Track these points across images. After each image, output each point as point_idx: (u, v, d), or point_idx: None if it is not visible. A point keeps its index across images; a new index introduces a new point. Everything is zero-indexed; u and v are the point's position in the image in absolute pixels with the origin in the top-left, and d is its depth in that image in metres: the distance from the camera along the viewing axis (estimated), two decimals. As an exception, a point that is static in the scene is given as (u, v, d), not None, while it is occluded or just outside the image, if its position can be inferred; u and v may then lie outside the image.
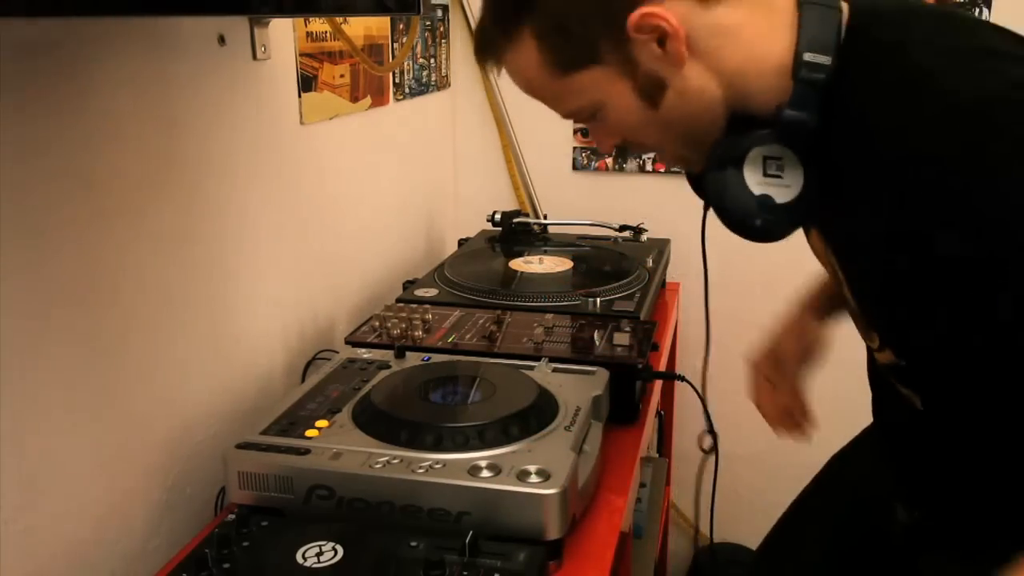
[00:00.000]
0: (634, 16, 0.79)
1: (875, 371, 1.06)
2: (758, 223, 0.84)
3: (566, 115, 0.91)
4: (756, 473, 1.99)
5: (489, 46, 0.90)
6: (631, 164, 2.01)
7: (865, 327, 0.95)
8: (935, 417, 0.95)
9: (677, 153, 0.91)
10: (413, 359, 1.17)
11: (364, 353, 1.20)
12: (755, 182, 0.84)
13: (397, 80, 1.68)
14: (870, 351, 1.04)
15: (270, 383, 1.26)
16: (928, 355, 0.88)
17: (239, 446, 0.94)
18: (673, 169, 1.98)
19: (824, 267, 1.01)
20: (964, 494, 0.94)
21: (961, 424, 0.92)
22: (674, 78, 0.82)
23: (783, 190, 0.84)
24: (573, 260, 1.64)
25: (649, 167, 2.00)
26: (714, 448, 1.10)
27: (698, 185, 0.94)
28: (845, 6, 0.81)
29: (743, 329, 1.95)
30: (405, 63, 1.72)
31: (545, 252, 1.71)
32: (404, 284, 1.52)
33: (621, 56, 0.82)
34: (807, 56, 0.79)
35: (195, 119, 1.06)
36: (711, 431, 1.09)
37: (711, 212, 0.91)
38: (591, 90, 0.85)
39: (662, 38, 0.80)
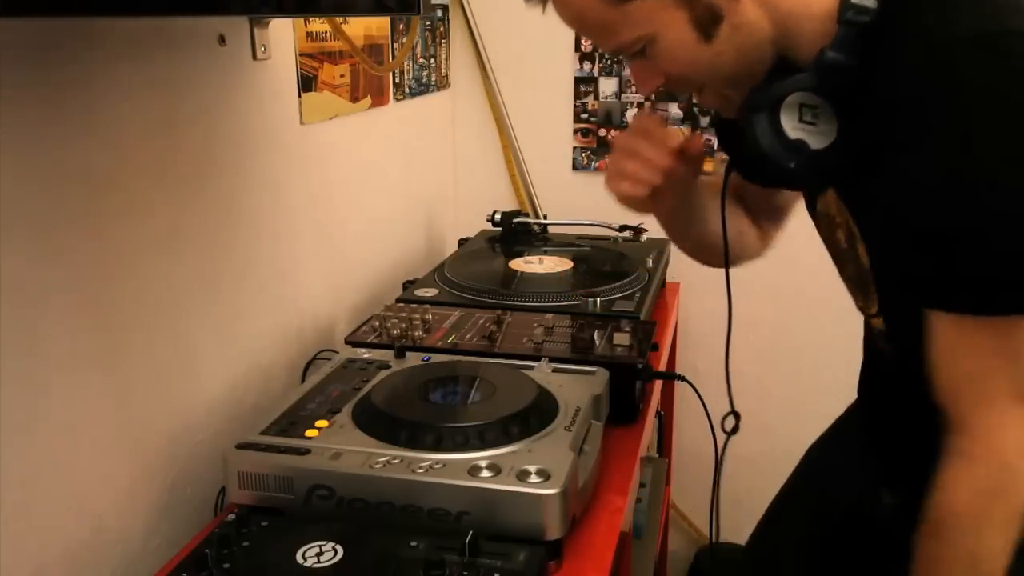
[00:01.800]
0: None
1: (869, 346, 1.06)
2: (792, 166, 0.84)
3: (614, 48, 0.88)
4: (756, 473, 1.99)
5: None
6: (631, 164, 2.01)
7: (866, 291, 0.95)
8: (909, 389, 0.96)
9: (720, 92, 0.89)
10: (413, 359, 1.17)
11: (364, 353, 1.20)
12: (791, 127, 0.84)
13: (397, 80, 1.68)
14: (867, 325, 1.03)
15: (270, 383, 1.26)
16: (912, 318, 0.89)
17: (239, 446, 0.94)
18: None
19: (827, 238, 1.01)
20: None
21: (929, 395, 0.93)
22: (730, 11, 0.81)
23: (818, 137, 0.84)
24: (573, 260, 1.64)
25: (649, 167, 2.00)
26: (736, 428, 1.09)
27: (728, 133, 0.93)
28: None
29: (742, 329, 1.95)
30: (405, 63, 1.72)
31: (545, 252, 1.71)
32: (404, 284, 1.52)
33: None
34: None
35: (195, 119, 1.06)
36: (734, 412, 1.08)
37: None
38: (647, 20, 0.83)
39: None
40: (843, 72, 0.80)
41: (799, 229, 1.27)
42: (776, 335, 2.03)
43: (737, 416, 1.09)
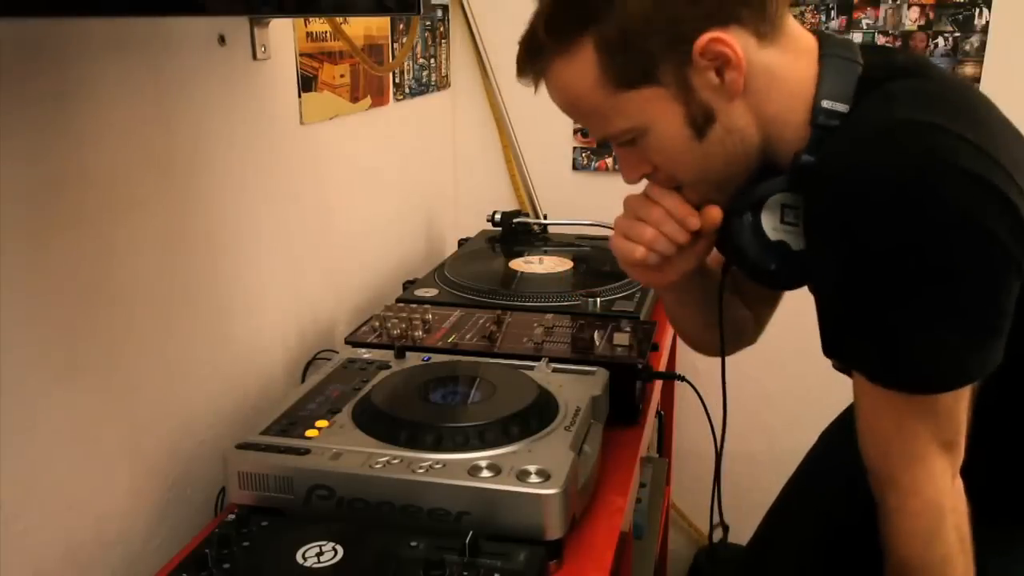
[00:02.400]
0: (702, 39, 0.79)
1: None
2: (772, 267, 0.87)
3: (606, 136, 0.89)
4: (756, 473, 1.99)
5: (536, 56, 0.90)
6: (631, 164, 2.01)
7: None
8: None
9: (705, 193, 0.90)
10: (413, 359, 1.17)
11: (364, 353, 1.20)
12: (771, 228, 0.86)
13: (397, 80, 1.68)
14: None
15: (270, 383, 1.26)
16: None
17: (239, 446, 0.94)
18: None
19: None
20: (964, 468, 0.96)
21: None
22: (723, 112, 0.83)
23: (799, 238, 0.86)
24: (573, 260, 1.64)
25: (649, 167, 2.00)
26: (724, 541, 1.12)
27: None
28: (861, 61, 0.84)
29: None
30: (405, 63, 1.72)
31: (545, 252, 1.71)
32: (404, 284, 1.53)
33: (679, 79, 0.82)
34: (825, 103, 0.81)
35: (195, 119, 1.06)
36: (723, 523, 1.11)
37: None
38: (641, 111, 0.84)
39: (722, 67, 0.80)
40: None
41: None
42: (776, 335, 2.03)
43: (726, 529, 1.12)
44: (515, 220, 1.83)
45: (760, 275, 0.89)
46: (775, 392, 2.05)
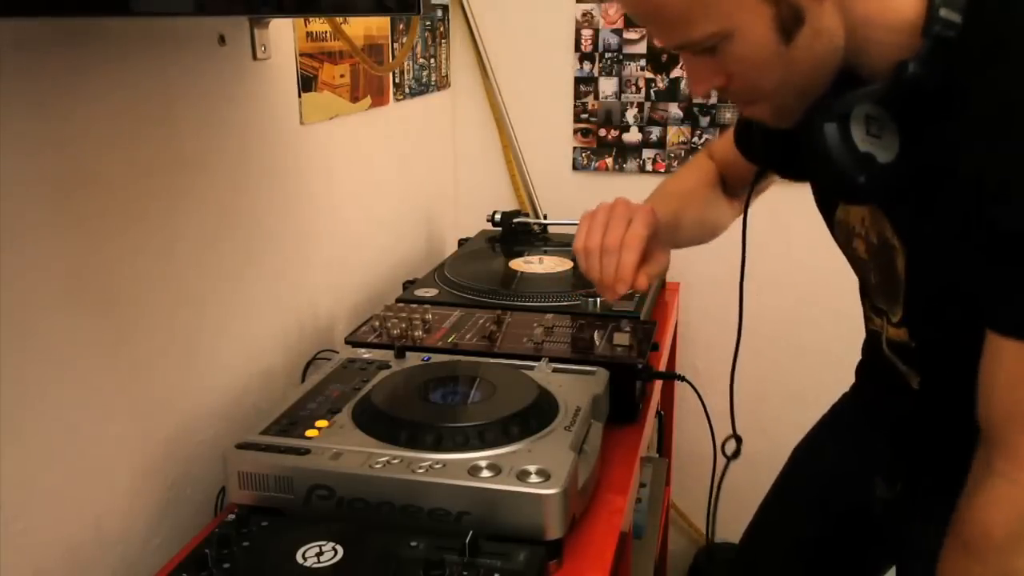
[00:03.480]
0: None
1: (873, 346, 1.06)
2: (861, 180, 0.80)
3: (684, 43, 0.82)
4: (756, 473, 1.99)
5: None
6: (631, 164, 2.01)
7: (893, 299, 0.95)
8: (931, 396, 0.96)
9: (783, 102, 0.84)
10: (413, 359, 1.17)
11: (364, 353, 1.20)
12: (860, 139, 0.80)
13: (397, 80, 1.68)
14: (873, 331, 1.04)
15: (270, 383, 1.26)
16: (953, 339, 0.88)
17: (239, 446, 0.94)
18: (673, 169, 1.98)
19: (844, 244, 1.00)
20: (955, 466, 0.95)
21: (959, 404, 0.93)
22: (812, 14, 0.77)
23: (883, 152, 0.81)
24: (573, 260, 1.64)
25: (649, 167, 2.00)
26: (737, 453, 1.09)
27: (778, 142, 0.90)
28: None
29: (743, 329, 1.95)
30: (405, 63, 1.72)
31: (545, 252, 1.71)
32: (404, 284, 1.53)
33: None
34: (943, 11, 0.76)
35: (195, 119, 1.06)
36: (735, 435, 1.08)
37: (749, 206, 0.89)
38: (728, 13, 0.78)
39: None
40: (922, 88, 0.77)
41: (799, 229, 1.27)
42: (775, 334, 2.03)
43: (739, 440, 1.07)
44: (515, 220, 1.83)
45: (847, 187, 0.82)
46: (775, 392, 2.05)
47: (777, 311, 2.01)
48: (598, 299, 1.39)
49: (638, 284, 0.96)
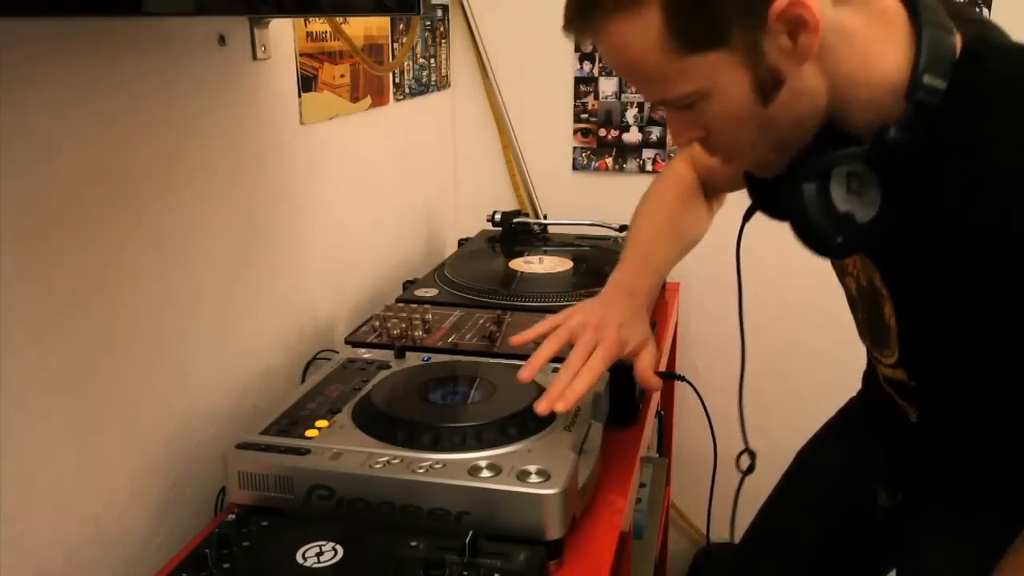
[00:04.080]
0: (781, 2, 0.74)
1: (872, 374, 1.07)
2: (839, 240, 0.81)
3: (663, 101, 0.83)
4: (756, 473, 1.99)
5: (592, 11, 0.83)
6: (631, 164, 2.01)
7: (883, 343, 0.95)
8: (930, 430, 0.97)
9: (763, 157, 0.85)
10: (413, 359, 1.17)
11: (364, 353, 1.20)
12: (840, 198, 0.81)
13: (397, 80, 1.68)
14: (872, 361, 1.04)
15: (270, 383, 1.26)
16: (953, 381, 0.89)
17: (239, 446, 0.94)
18: (673, 169, 1.98)
19: (843, 281, 1.01)
20: (955, 480, 0.95)
21: (959, 437, 0.93)
22: (792, 75, 0.78)
23: (863, 209, 0.81)
24: (573, 260, 1.64)
25: (649, 167, 2.00)
26: (752, 468, 1.09)
27: (762, 191, 0.91)
28: (958, 34, 0.78)
29: (739, 327, 1.95)
30: (405, 63, 1.72)
31: (545, 252, 1.71)
32: (404, 284, 1.52)
33: (749, 43, 0.76)
34: (926, 79, 0.76)
35: (195, 119, 1.06)
36: (748, 450, 1.08)
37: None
38: (705, 75, 0.78)
39: (796, 30, 0.75)
40: (903, 152, 0.77)
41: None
42: (774, 335, 2.03)
43: (752, 455, 1.07)
44: (515, 220, 1.83)
45: (824, 246, 0.83)
46: (775, 392, 2.05)
47: (778, 312, 2.01)
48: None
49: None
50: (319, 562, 0.82)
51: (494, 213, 1.82)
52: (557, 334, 1.01)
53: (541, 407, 0.94)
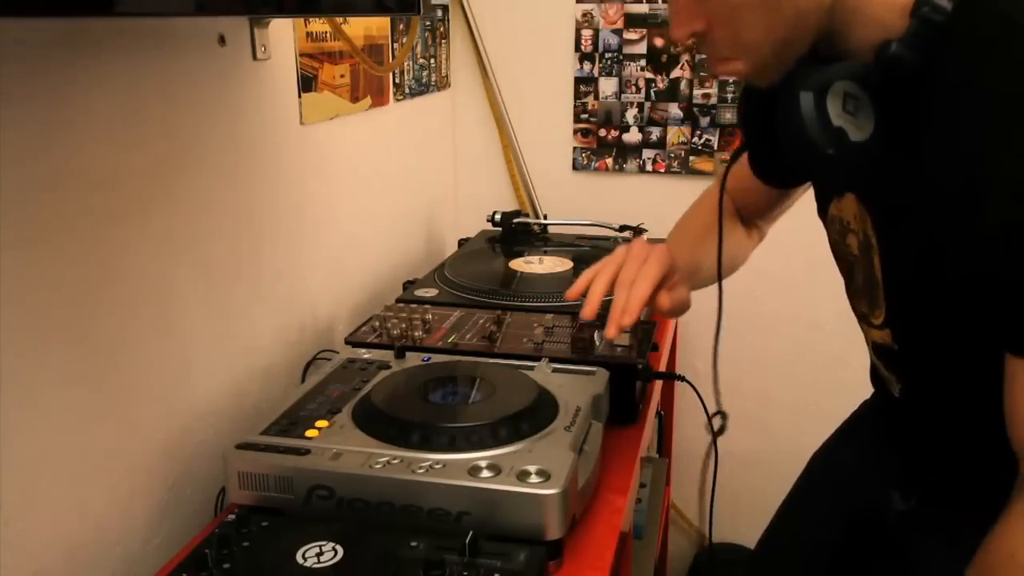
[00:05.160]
0: None
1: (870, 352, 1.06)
2: (830, 152, 0.80)
3: None
4: (756, 473, 1.99)
5: None
6: (631, 164, 2.01)
7: (873, 301, 0.94)
8: (912, 405, 0.96)
9: (761, 58, 0.83)
10: (413, 359, 1.17)
11: (364, 353, 1.20)
12: (835, 113, 0.80)
13: (397, 80, 1.68)
14: (864, 332, 1.03)
15: (270, 383, 1.26)
16: (934, 344, 0.88)
17: (239, 446, 0.94)
18: (673, 169, 1.98)
19: (836, 244, 1.00)
20: (965, 484, 0.95)
21: (938, 414, 0.92)
22: None
23: (856, 131, 0.80)
24: (573, 260, 1.64)
25: (649, 167, 2.00)
26: (723, 428, 1.07)
27: (757, 107, 0.90)
28: None
29: (739, 327, 1.96)
30: (405, 63, 1.72)
31: (545, 252, 1.71)
32: (404, 284, 1.53)
33: None
34: None
35: (195, 119, 1.06)
36: (720, 412, 1.07)
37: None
38: None
39: None
40: (904, 69, 0.76)
41: (800, 229, 1.27)
42: (773, 334, 2.03)
43: (724, 416, 1.06)
44: (515, 220, 1.83)
45: (815, 159, 0.82)
46: (775, 392, 2.05)
47: (775, 311, 2.01)
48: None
49: (659, 304, 0.97)
50: (319, 562, 0.82)
51: (494, 213, 1.82)
52: (606, 267, 0.99)
53: (611, 328, 0.94)
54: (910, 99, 0.78)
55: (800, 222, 1.21)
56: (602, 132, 2.01)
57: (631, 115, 1.99)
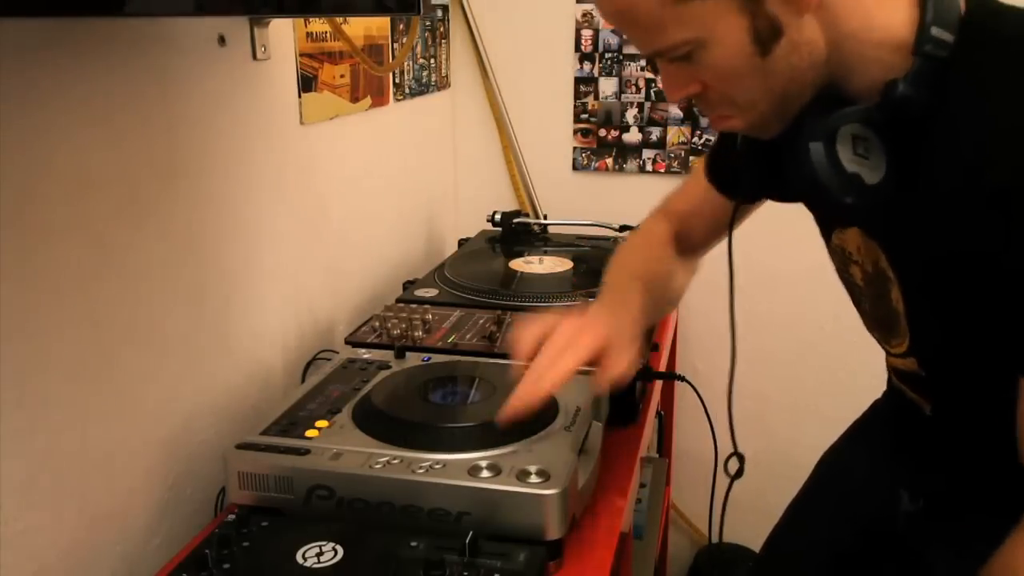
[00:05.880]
0: None
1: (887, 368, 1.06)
2: (848, 201, 0.79)
3: (657, 51, 0.81)
4: (756, 473, 1.99)
5: None
6: (631, 164, 2.01)
7: (891, 331, 0.94)
8: (943, 423, 0.96)
9: (759, 114, 0.83)
10: (413, 359, 1.17)
11: (364, 353, 1.20)
12: (847, 159, 0.79)
13: (397, 80, 1.68)
14: (888, 358, 1.03)
15: (270, 383, 1.26)
16: (963, 368, 0.87)
17: (239, 446, 0.94)
18: (673, 169, 1.98)
19: (840, 270, 1.00)
20: (973, 489, 0.94)
21: (970, 430, 0.92)
22: (792, 26, 0.76)
23: (870, 172, 0.79)
24: (573, 260, 1.64)
25: (649, 167, 2.00)
26: (740, 472, 1.07)
27: (760, 157, 0.89)
28: None
29: (740, 328, 1.95)
30: (405, 63, 1.72)
31: (545, 252, 1.71)
32: (404, 284, 1.53)
33: None
34: (934, 31, 0.74)
35: (195, 119, 1.06)
36: (737, 453, 1.06)
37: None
38: (702, 23, 0.76)
39: None
40: (912, 108, 0.76)
41: (801, 229, 1.27)
42: (774, 334, 2.03)
43: (741, 458, 1.04)
44: (515, 220, 1.83)
45: (834, 208, 0.81)
46: (775, 392, 2.05)
47: (776, 311, 2.01)
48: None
49: (599, 384, 0.91)
50: (319, 562, 0.82)
51: (494, 213, 1.82)
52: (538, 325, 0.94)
53: (520, 397, 0.88)
54: (919, 135, 0.77)
55: (801, 224, 1.20)
56: (602, 132, 2.01)
57: (631, 115, 1.99)
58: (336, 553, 0.83)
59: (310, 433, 0.97)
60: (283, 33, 1.25)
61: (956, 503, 0.97)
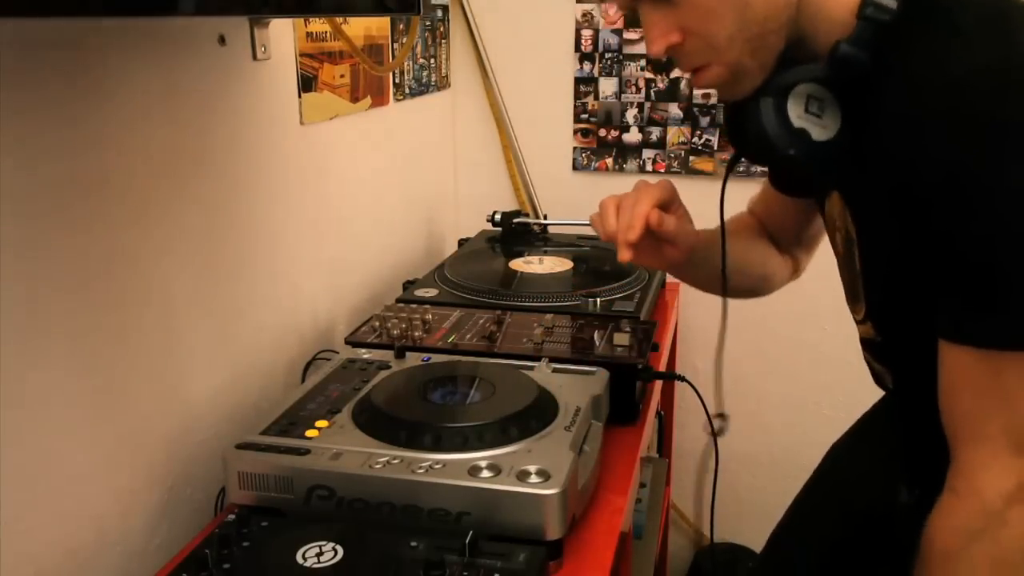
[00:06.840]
0: None
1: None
2: (791, 152, 0.84)
3: None
4: (756, 473, 1.99)
5: None
6: (631, 164, 2.01)
7: (856, 296, 0.95)
8: (906, 395, 0.96)
9: (737, 62, 0.85)
10: (413, 359, 1.17)
11: (364, 353, 1.20)
12: (796, 115, 0.84)
13: (397, 80, 1.68)
14: (857, 328, 1.04)
15: (270, 383, 1.26)
16: (912, 333, 0.88)
17: (239, 446, 0.94)
18: (673, 169, 1.98)
19: (833, 240, 1.01)
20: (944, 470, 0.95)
21: (932, 403, 0.92)
22: None
23: (820, 130, 0.84)
24: (573, 260, 1.64)
25: (649, 167, 2.00)
26: (723, 430, 1.08)
27: (734, 117, 0.92)
28: None
29: (740, 327, 1.96)
30: (405, 63, 1.72)
31: (545, 252, 1.71)
32: (404, 284, 1.53)
33: None
34: None
35: (195, 119, 1.06)
36: (721, 414, 1.07)
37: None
38: None
39: None
40: (854, 68, 0.80)
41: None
42: (774, 334, 2.03)
43: (724, 417, 1.07)
44: (515, 220, 1.83)
45: (779, 159, 0.86)
46: (775, 392, 2.05)
47: (776, 311, 2.01)
48: (598, 299, 1.39)
49: (664, 222, 0.95)
50: (319, 562, 0.82)
51: (494, 213, 1.82)
52: (610, 199, 0.99)
53: (622, 252, 0.94)
54: (866, 96, 0.81)
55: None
56: (602, 132, 2.01)
57: (631, 115, 1.99)
58: (336, 553, 0.83)
59: (310, 433, 0.97)
60: (283, 33, 1.25)
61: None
